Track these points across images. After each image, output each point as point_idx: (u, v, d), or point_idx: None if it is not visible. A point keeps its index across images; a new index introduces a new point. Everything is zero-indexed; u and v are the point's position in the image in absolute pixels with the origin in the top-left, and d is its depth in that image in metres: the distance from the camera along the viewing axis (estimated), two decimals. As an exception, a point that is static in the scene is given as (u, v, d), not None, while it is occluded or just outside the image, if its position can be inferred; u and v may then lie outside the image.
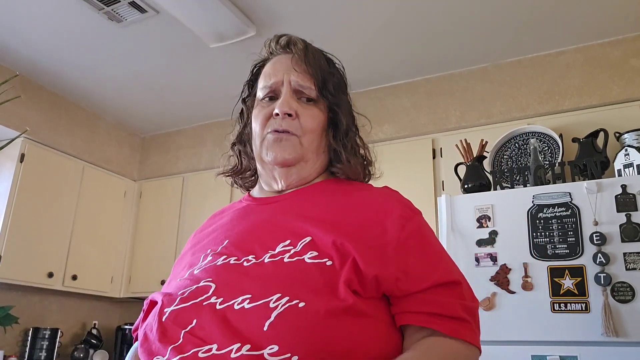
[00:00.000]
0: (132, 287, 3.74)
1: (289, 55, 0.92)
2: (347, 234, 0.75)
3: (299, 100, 0.89)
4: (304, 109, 0.89)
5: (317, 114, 0.90)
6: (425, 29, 2.75)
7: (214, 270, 0.77)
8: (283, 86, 0.89)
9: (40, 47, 3.00)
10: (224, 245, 0.83)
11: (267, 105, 0.91)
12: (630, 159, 2.23)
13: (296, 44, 0.93)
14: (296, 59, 0.90)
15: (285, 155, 0.87)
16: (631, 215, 1.94)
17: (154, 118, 3.89)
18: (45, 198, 3.31)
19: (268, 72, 0.93)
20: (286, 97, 0.88)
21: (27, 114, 3.30)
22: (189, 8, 2.52)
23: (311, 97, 0.90)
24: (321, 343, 0.65)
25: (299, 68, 0.89)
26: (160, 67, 3.18)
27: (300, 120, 0.88)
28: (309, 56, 0.90)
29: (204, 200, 3.66)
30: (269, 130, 0.89)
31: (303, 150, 0.88)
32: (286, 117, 0.87)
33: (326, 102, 0.91)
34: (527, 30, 2.73)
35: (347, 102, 0.95)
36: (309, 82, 0.89)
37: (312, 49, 0.93)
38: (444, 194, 2.32)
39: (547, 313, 1.97)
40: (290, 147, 0.87)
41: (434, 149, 3.02)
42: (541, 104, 2.84)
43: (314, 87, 0.89)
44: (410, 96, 3.22)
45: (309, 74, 0.89)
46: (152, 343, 0.72)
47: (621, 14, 2.57)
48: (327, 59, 0.96)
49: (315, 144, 0.90)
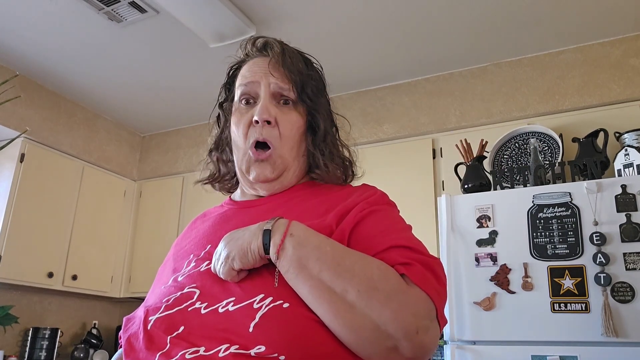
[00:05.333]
0: (132, 287, 3.74)
1: (266, 58, 0.90)
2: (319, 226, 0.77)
3: (277, 105, 0.88)
4: (283, 115, 0.87)
5: (296, 119, 0.89)
6: (426, 29, 2.75)
7: (198, 276, 0.77)
8: (261, 89, 0.88)
9: (40, 47, 3.00)
10: (206, 250, 0.82)
11: (246, 111, 0.89)
12: (630, 159, 2.23)
13: (273, 47, 0.91)
14: (273, 63, 0.89)
15: (267, 174, 0.87)
16: (631, 215, 1.94)
17: (153, 118, 3.89)
18: (45, 198, 3.31)
19: (245, 75, 0.91)
20: (264, 102, 0.86)
21: (27, 114, 3.29)
22: (189, 8, 2.51)
23: (290, 99, 0.88)
24: (307, 343, 0.65)
25: (276, 72, 0.88)
26: (161, 67, 3.18)
27: (279, 128, 0.86)
28: (287, 59, 0.88)
29: (204, 200, 3.65)
30: (250, 143, 0.87)
31: (284, 164, 0.88)
32: (266, 125, 0.86)
33: (304, 106, 0.90)
34: (527, 30, 2.73)
35: (325, 105, 0.94)
36: (287, 85, 0.88)
37: (290, 52, 0.91)
38: (444, 194, 2.32)
39: (547, 313, 1.97)
40: (271, 167, 0.87)
41: (434, 149, 3.02)
42: (541, 103, 2.84)
43: (292, 90, 0.88)
44: (410, 96, 3.22)
45: (287, 78, 0.88)
46: (139, 351, 0.72)
47: (621, 14, 2.57)
48: (305, 60, 0.93)
49: (295, 150, 0.89)
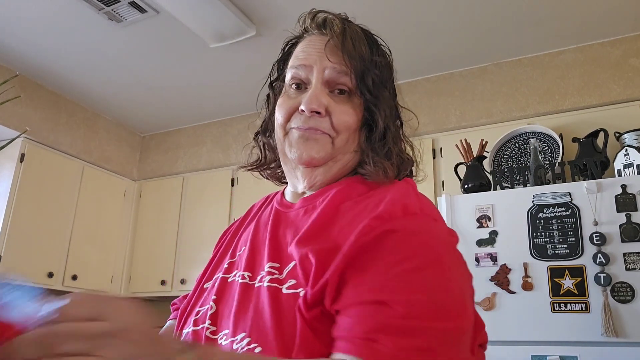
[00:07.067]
0: (132, 287, 3.74)
1: (325, 37, 0.77)
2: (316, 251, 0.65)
3: (330, 94, 0.75)
4: (336, 105, 0.74)
5: (352, 112, 0.75)
6: (426, 29, 2.75)
7: (220, 289, 0.75)
8: (313, 75, 0.75)
9: (40, 47, 3.00)
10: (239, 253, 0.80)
11: (295, 95, 0.77)
12: (630, 159, 2.23)
13: (333, 26, 0.77)
14: (331, 45, 0.76)
15: (313, 153, 0.74)
16: (631, 215, 1.94)
17: (153, 117, 3.89)
18: (45, 198, 3.31)
19: (298, 56, 0.79)
20: (315, 90, 0.74)
21: (27, 114, 3.29)
22: (189, 8, 2.51)
23: (346, 89, 0.75)
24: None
25: (333, 57, 0.75)
26: (161, 67, 3.18)
27: (332, 118, 0.74)
28: (347, 42, 0.75)
29: (204, 199, 3.66)
30: (292, 126, 0.76)
31: (334, 151, 0.75)
32: (314, 115, 0.73)
33: (362, 98, 0.76)
34: (527, 30, 2.73)
35: (388, 99, 0.79)
36: (344, 73, 0.74)
37: (352, 32, 0.77)
38: (444, 194, 2.32)
39: (547, 313, 1.97)
40: (318, 146, 0.74)
41: (434, 149, 3.02)
42: (541, 103, 2.84)
43: (349, 80, 0.75)
44: (410, 96, 3.22)
45: (346, 64, 0.74)
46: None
47: (621, 14, 2.57)
48: (370, 42, 0.79)
49: (349, 144, 0.76)
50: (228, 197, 3.53)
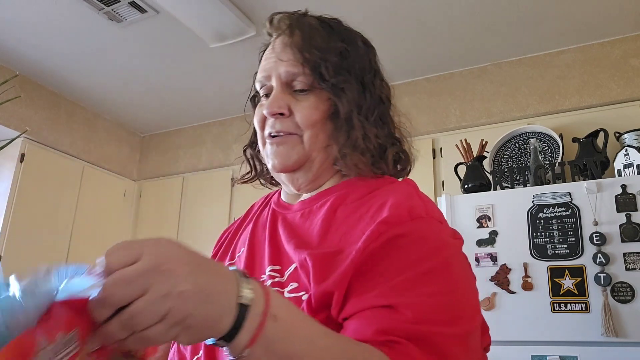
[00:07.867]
0: (132, 287, 3.74)
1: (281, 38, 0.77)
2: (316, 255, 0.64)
3: (294, 93, 0.75)
4: (298, 102, 0.74)
5: (315, 106, 0.74)
6: (426, 29, 2.75)
7: None
8: (273, 80, 0.76)
9: (40, 47, 3.00)
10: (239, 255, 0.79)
11: (263, 104, 0.78)
12: (630, 159, 2.23)
13: (280, 23, 0.77)
14: (281, 44, 0.76)
15: (284, 161, 0.74)
16: (631, 215, 1.94)
17: (153, 117, 3.89)
18: (45, 198, 3.31)
19: (261, 64, 0.79)
20: (275, 93, 0.74)
21: (27, 114, 3.29)
22: (189, 8, 2.51)
23: (304, 87, 0.74)
24: None
25: (285, 55, 0.74)
26: (161, 67, 3.18)
27: (295, 117, 0.73)
28: (295, 37, 0.75)
29: (204, 200, 3.66)
30: (266, 134, 0.77)
31: (306, 150, 0.74)
32: (278, 117, 0.74)
33: (325, 88, 0.74)
34: (527, 30, 2.73)
35: (355, 81, 0.76)
36: (297, 69, 0.73)
37: (301, 25, 0.76)
38: (444, 194, 2.32)
39: (547, 313, 1.97)
40: (288, 151, 0.74)
41: (434, 149, 3.02)
42: (541, 103, 2.84)
43: (304, 74, 0.73)
44: (410, 96, 3.21)
45: (297, 60, 0.73)
46: None
47: (621, 14, 2.57)
48: (328, 30, 0.77)
49: (320, 139, 0.74)
50: (228, 197, 3.52)
